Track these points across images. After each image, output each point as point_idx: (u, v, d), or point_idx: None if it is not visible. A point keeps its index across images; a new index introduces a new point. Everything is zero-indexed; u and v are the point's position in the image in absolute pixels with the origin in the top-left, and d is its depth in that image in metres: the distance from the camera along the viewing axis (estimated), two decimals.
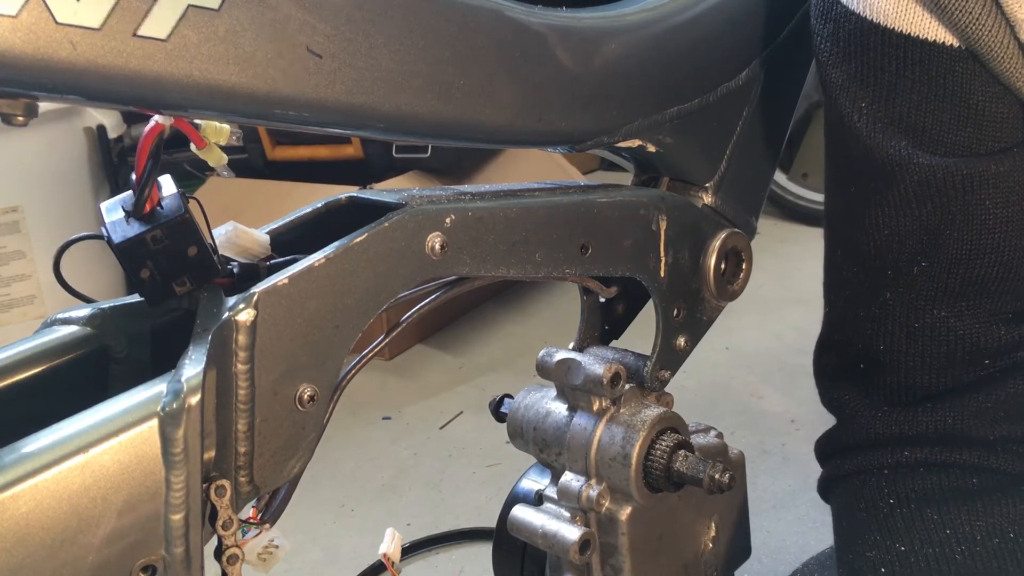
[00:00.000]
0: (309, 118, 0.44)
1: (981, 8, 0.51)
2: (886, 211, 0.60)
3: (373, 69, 0.45)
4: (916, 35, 0.54)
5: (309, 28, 0.42)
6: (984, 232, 0.57)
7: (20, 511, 0.36)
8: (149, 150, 0.44)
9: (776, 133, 0.71)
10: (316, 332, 0.45)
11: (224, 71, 0.40)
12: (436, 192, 0.52)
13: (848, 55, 0.58)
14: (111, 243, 0.45)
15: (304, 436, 0.46)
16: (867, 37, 0.56)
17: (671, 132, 0.62)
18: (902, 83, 0.56)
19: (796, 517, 1.17)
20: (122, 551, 0.38)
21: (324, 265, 0.45)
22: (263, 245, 0.50)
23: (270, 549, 0.47)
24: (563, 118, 0.55)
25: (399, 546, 0.56)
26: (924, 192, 0.58)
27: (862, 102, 0.58)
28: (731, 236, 0.65)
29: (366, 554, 1.20)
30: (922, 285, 0.60)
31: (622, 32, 0.57)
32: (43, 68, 0.35)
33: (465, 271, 0.51)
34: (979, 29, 0.52)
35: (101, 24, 0.36)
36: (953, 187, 0.57)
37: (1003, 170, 0.56)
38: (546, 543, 0.65)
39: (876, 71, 0.57)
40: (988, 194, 0.56)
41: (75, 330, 0.48)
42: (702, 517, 0.70)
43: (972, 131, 0.56)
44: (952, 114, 0.56)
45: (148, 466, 0.38)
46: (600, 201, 0.56)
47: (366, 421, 1.55)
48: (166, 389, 0.39)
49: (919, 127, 0.57)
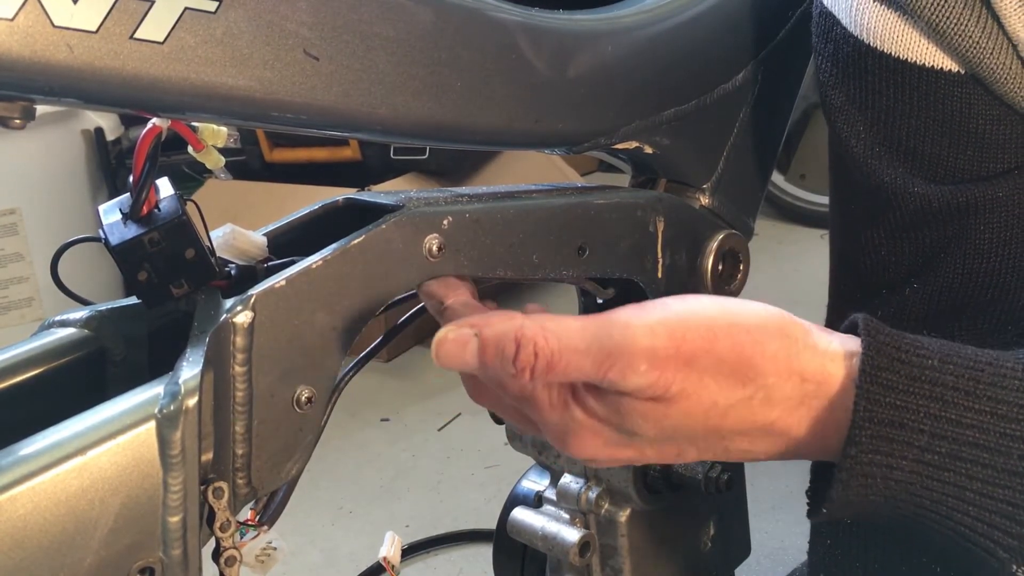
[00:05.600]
0: (306, 120, 0.45)
1: (981, 32, 0.51)
2: (884, 233, 0.60)
3: (370, 71, 0.45)
4: (914, 61, 0.54)
5: (306, 31, 0.42)
6: (979, 256, 0.56)
7: (18, 513, 0.36)
8: (147, 152, 0.44)
9: (773, 134, 0.71)
10: (314, 334, 0.45)
11: (221, 73, 0.40)
12: (434, 194, 0.52)
13: (847, 77, 0.58)
14: (109, 245, 0.45)
15: (302, 438, 0.46)
16: (865, 60, 0.56)
17: (668, 134, 0.62)
18: (900, 108, 0.56)
19: (795, 518, 1.17)
20: (120, 553, 0.38)
21: (322, 267, 0.45)
22: (261, 247, 0.50)
23: (268, 551, 0.47)
24: (560, 120, 0.55)
25: (399, 550, 0.56)
26: (921, 219, 0.57)
27: (860, 126, 0.58)
28: (728, 237, 0.65)
29: (364, 556, 1.20)
30: (914, 305, 0.59)
31: (619, 34, 0.57)
32: (40, 71, 0.35)
33: (463, 273, 0.51)
34: (980, 53, 0.51)
35: (98, 27, 0.36)
36: (950, 213, 0.56)
37: (1001, 195, 0.55)
38: (546, 545, 0.65)
39: (874, 95, 0.57)
40: (984, 219, 0.56)
41: (73, 332, 0.48)
42: (701, 517, 0.70)
43: (972, 154, 0.55)
44: (952, 138, 0.55)
45: (146, 468, 0.38)
46: (597, 203, 0.56)
47: (364, 423, 1.55)
48: (164, 391, 0.39)
49: (917, 152, 0.56)
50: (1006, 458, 0.41)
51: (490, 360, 0.41)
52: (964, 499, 0.42)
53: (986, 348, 0.44)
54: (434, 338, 0.42)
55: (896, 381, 0.42)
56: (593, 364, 0.41)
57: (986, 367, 0.42)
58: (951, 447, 0.42)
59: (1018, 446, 0.41)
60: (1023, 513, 0.42)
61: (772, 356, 0.42)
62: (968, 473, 0.42)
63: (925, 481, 0.42)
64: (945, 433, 0.42)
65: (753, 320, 0.43)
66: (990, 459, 0.42)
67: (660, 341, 0.41)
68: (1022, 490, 0.42)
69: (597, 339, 0.41)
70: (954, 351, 0.43)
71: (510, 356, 0.41)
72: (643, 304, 0.43)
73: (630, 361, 0.41)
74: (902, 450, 0.42)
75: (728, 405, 0.42)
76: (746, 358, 0.42)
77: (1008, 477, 0.42)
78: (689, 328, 0.42)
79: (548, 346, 0.41)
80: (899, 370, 0.42)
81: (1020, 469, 0.41)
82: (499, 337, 0.41)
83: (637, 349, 0.41)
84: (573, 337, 0.41)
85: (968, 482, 0.42)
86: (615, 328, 0.41)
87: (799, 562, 1.05)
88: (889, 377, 0.42)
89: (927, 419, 0.42)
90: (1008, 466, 0.41)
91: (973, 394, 0.42)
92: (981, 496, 0.42)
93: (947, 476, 0.42)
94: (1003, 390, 0.42)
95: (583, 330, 0.41)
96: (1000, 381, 0.42)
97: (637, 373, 0.41)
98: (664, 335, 0.41)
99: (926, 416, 0.42)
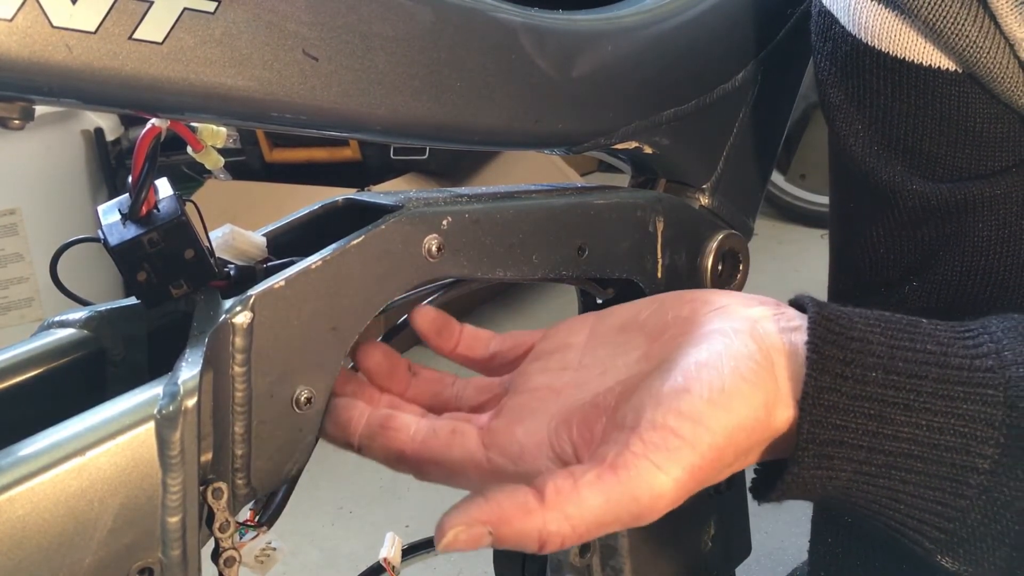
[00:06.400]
0: (306, 120, 0.45)
1: (978, 31, 0.51)
2: (883, 231, 0.60)
3: (369, 71, 0.45)
4: (911, 60, 0.54)
5: (305, 30, 0.42)
6: (977, 254, 0.57)
7: (17, 514, 0.36)
8: (146, 153, 0.44)
9: (773, 134, 0.71)
10: (313, 334, 0.45)
11: (220, 74, 0.40)
12: (433, 194, 0.52)
13: (845, 75, 0.58)
14: (108, 246, 0.45)
15: (302, 438, 0.46)
16: (863, 59, 0.56)
17: (668, 134, 0.62)
18: (898, 107, 0.56)
19: (795, 518, 1.17)
20: (119, 554, 0.38)
21: (321, 267, 0.45)
22: (260, 247, 0.50)
23: (267, 552, 0.47)
24: (560, 120, 0.55)
25: (399, 551, 0.56)
26: (919, 217, 0.57)
27: (858, 124, 0.58)
28: (728, 237, 0.65)
29: (364, 556, 1.20)
30: (912, 303, 0.60)
31: (619, 34, 0.57)
32: (39, 71, 0.35)
33: (462, 273, 0.51)
34: (977, 52, 0.51)
35: (97, 27, 0.36)
36: (948, 211, 0.56)
37: (999, 192, 0.55)
38: None
39: (872, 94, 0.57)
40: (983, 217, 0.56)
41: (72, 333, 0.48)
42: (701, 517, 0.70)
43: (970, 152, 0.55)
44: (950, 137, 0.55)
45: (145, 469, 0.38)
46: (597, 203, 0.56)
47: None
48: (163, 392, 0.39)
49: (916, 150, 0.56)
50: (938, 466, 0.43)
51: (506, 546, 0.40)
52: (896, 499, 0.44)
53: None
54: (440, 529, 0.40)
55: (837, 400, 0.42)
56: (623, 526, 0.41)
57: (932, 368, 0.43)
58: (887, 459, 0.43)
59: (950, 456, 0.42)
60: (950, 510, 0.43)
61: (760, 432, 0.43)
62: (901, 479, 0.43)
63: (861, 487, 0.44)
64: (882, 447, 0.43)
65: (746, 411, 0.42)
66: (923, 467, 0.43)
67: (683, 487, 0.41)
68: (951, 492, 0.43)
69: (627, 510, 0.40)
70: (902, 347, 0.43)
71: (532, 550, 0.40)
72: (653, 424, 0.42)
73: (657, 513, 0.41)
74: (841, 464, 0.43)
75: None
76: (741, 452, 0.43)
77: (939, 481, 0.43)
78: (706, 461, 0.41)
79: (576, 533, 0.40)
80: (841, 388, 0.42)
81: (950, 474, 0.43)
82: (519, 537, 0.40)
83: (664, 505, 0.41)
84: (599, 514, 0.40)
85: (901, 486, 0.43)
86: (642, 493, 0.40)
87: (799, 562, 1.05)
88: (831, 398, 0.42)
89: (866, 436, 0.43)
90: (940, 472, 0.43)
91: (912, 407, 0.42)
92: (912, 497, 0.43)
93: (881, 483, 0.43)
94: (943, 399, 0.42)
95: (607, 503, 0.40)
96: (942, 388, 0.42)
97: (660, 514, 0.41)
98: (686, 479, 0.41)
99: (864, 434, 0.42)
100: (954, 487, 0.43)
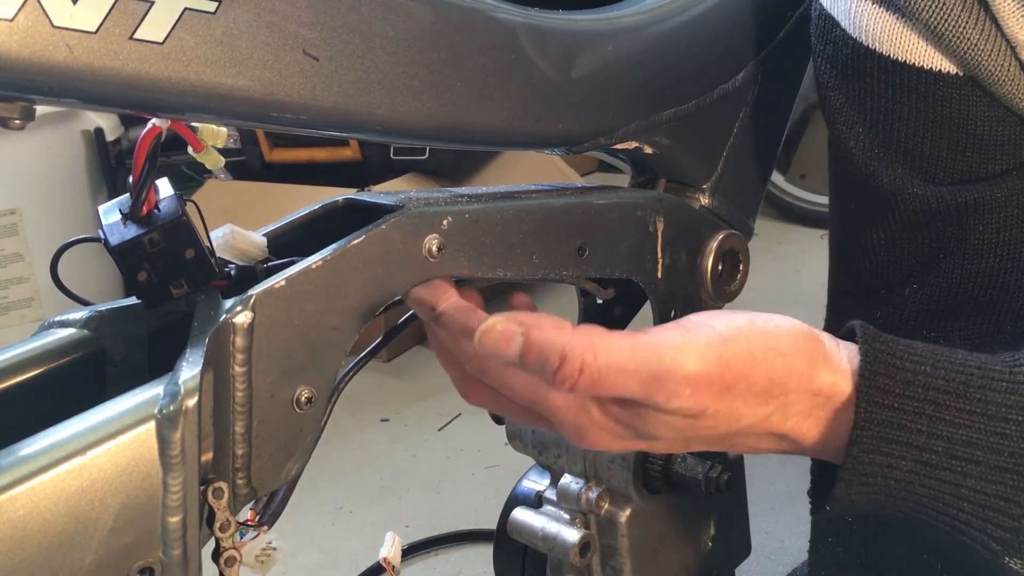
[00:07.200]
0: (306, 120, 0.45)
1: (980, 34, 0.51)
2: (883, 234, 0.60)
3: (370, 71, 0.45)
4: (913, 63, 0.54)
5: (305, 30, 0.42)
6: (978, 257, 0.57)
7: (18, 513, 0.36)
8: (146, 153, 0.44)
9: (773, 134, 0.71)
10: (313, 334, 0.45)
11: (221, 74, 0.40)
12: (433, 194, 0.52)
13: (846, 78, 0.58)
14: (108, 246, 0.45)
15: (302, 438, 0.46)
16: (863, 62, 0.56)
17: (668, 134, 0.62)
18: (899, 110, 0.56)
19: (794, 518, 1.17)
20: (119, 553, 0.38)
21: (321, 267, 0.45)
22: (260, 247, 0.50)
23: (268, 551, 0.47)
24: (560, 120, 0.55)
25: (399, 550, 0.56)
26: (920, 219, 0.58)
27: (859, 127, 0.58)
28: (728, 237, 0.65)
29: (364, 556, 1.20)
30: (913, 306, 0.60)
31: (619, 34, 0.57)
32: (40, 71, 0.35)
33: (462, 273, 0.51)
34: (979, 54, 0.51)
35: (97, 27, 0.36)
36: (948, 214, 0.56)
37: (999, 195, 0.55)
38: (546, 545, 0.65)
39: (873, 97, 0.57)
40: (983, 219, 0.56)
41: (72, 333, 0.48)
42: (702, 516, 0.70)
43: (971, 155, 0.55)
44: (950, 140, 0.55)
45: (145, 468, 0.39)
46: (597, 203, 0.56)
47: (364, 423, 1.55)
48: (163, 391, 0.39)
49: (916, 153, 0.56)
50: (998, 455, 0.43)
51: (531, 361, 0.42)
52: (959, 495, 0.44)
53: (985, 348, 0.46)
54: (482, 324, 0.43)
55: (892, 386, 0.44)
56: (640, 385, 0.42)
57: (975, 371, 0.44)
58: (947, 446, 0.43)
59: (1008, 443, 0.43)
60: (1014, 507, 0.44)
61: (798, 377, 0.44)
62: (963, 471, 0.44)
63: (923, 479, 0.44)
64: (941, 432, 0.43)
65: (787, 343, 0.44)
66: (983, 456, 0.43)
67: (708, 367, 0.42)
68: (1013, 485, 0.44)
69: (647, 362, 0.42)
70: (944, 356, 0.45)
71: (551, 367, 0.41)
72: (686, 324, 0.44)
73: (677, 386, 0.42)
74: (901, 450, 0.44)
75: (749, 420, 0.44)
76: (777, 381, 0.44)
77: (1000, 473, 0.43)
78: (734, 354, 0.43)
79: (596, 363, 0.41)
80: (895, 375, 0.44)
81: (1011, 465, 0.43)
82: (545, 345, 0.42)
83: (685, 374, 0.42)
84: (621, 357, 0.42)
85: (963, 479, 0.44)
86: (665, 351, 0.42)
87: (799, 562, 1.05)
88: (886, 382, 0.44)
89: (923, 420, 0.43)
90: (1000, 463, 0.43)
91: (964, 396, 0.43)
92: (975, 492, 0.44)
93: (943, 475, 0.44)
94: (991, 391, 0.43)
95: (632, 350, 0.42)
96: (988, 384, 0.44)
97: (681, 397, 0.42)
98: (713, 360, 0.42)
99: (922, 417, 0.43)
100: (1016, 479, 0.43)
